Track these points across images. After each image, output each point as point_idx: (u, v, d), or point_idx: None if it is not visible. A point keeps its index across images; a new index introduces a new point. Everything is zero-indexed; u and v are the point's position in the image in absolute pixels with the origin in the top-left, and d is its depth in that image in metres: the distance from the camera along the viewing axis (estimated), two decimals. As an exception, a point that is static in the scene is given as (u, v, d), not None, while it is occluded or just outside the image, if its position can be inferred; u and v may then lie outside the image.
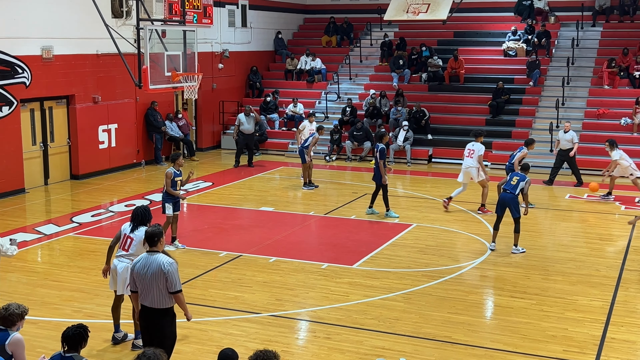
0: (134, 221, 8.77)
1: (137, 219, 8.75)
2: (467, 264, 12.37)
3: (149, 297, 7.41)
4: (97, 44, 19.26)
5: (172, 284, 7.36)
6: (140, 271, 7.42)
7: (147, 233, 7.59)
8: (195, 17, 22.15)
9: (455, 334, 9.41)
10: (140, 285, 7.45)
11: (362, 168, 21.96)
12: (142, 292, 7.46)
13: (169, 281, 7.34)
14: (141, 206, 8.93)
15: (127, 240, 8.76)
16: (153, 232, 7.54)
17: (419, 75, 25.76)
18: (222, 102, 25.22)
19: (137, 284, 7.48)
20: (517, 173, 13.24)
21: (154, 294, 7.38)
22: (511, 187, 13.02)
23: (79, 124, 19.29)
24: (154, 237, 7.52)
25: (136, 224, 8.74)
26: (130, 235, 8.73)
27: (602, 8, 26.45)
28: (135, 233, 8.69)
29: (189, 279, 11.50)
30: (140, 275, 7.41)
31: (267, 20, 28.01)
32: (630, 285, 11.33)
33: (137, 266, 7.48)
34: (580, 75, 24.54)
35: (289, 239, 14.20)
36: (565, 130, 19.16)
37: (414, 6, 21.28)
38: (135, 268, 7.50)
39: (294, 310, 10.30)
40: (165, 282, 7.33)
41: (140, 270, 7.43)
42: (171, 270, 7.35)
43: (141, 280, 7.42)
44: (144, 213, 8.78)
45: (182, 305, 7.58)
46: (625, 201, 17.19)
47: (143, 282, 7.41)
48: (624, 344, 9.16)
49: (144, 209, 8.85)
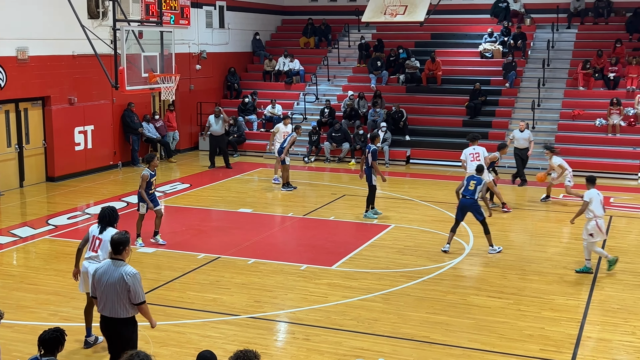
0: (102, 222, 8.73)
1: (105, 220, 8.71)
2: (445, 264, 12.43)
3: (108, 305, 7.18)
4: (73, 45, 19.11)
5: (136, 296, 7.15)
6: (102, 279, 7.20)
7: (113, 240, 7.31)
8: (173, 18, 22.08)
9: (433, 334, 9.46)
10: (100, 293, 7.21)
11: (340, 169, 22.01)
12: (102, 300, 7.22)
13: (132, 292, 7.11)
14: (108, 207, 8.89)
15: (95, 241, 8.70)
16: (119, 240, 7.27)
17: (397, 77, 25.86)
18: (200, 103, 25.13)
19: (97, 292, 7.25)
20: (473, 177, 13.32)
21: (114, 303, 7.15)
22: (470, 192, 13.13)
23: (55, 126, 19.12)
24: (119, 245, 7.25)
25: (104, 225, 8.70)
26: (99, 237, 8.68)
27: (577, 10, 26.73)
28: (103, 234, 8.63)
29: (167, 282, 11.45)
30: (102, 282, 7.18)
31: (244, 22, 27.97)
32: (605, 284, 11.46)
33: (99, 273, 7.25)
34: (555, 76, 24.77)
35: (267, 240, 14.18)
36: (520, 129, 19.32)
37: (391, 8, 21.34)
38: (97, 274, 7.27)
39: (273, 312, 10.30)
40: (127, 293, 7.11)
41: (102, 277, 7.20)
42: (134, 282, 7.11)
43: (101, 288, 7.19)
44: (111, 214, 8.75)
45: (147, 316, 7.36)
46: (600, 201, 17.34)
47: (103, 290, 7.17)
48: (599, 343, 9.26)
49: (110, 209, 8.81)
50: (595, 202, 11.81)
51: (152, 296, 10.81)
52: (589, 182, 12.21)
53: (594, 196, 11.86)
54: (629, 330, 9.63)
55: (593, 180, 12.25)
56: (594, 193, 11.91)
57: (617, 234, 14.53)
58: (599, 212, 11.85)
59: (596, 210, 11.81)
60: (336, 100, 25.34)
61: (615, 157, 21.02)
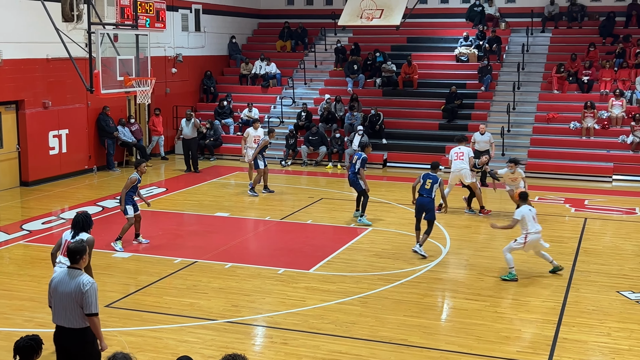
0: (75, 228, 8.70)
1: (78, 225, 8.70)
2: (422, 267, 12.47)
3: (62, 315, 6.93)
4: (47, 48, 18.93)
5: (89, 305, 6.85)
6: (57, 288, 6.98)
7: (70, 249, 7.09)
8: (148, 21, 21.89)
9: (411, 337, 9.48)
10: (56, 302, 6.98)
11: (317, 173, 22.01)
12: (57, 310, 6.98)
13: (85, 301, 6.83)
14: (82, 213, 8.86)
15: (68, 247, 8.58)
16: (75, 249, 7.06)
17: (373, 81, 25.93)
18: (176, 107, 24.99)
19: (53, 301, 7.03)
20: (429, 175, 13.36)
21: (69, 313, 6.90)
22: (426, 191, 13.20)
23: (29, 130, 18.91)
24: (75, 254, 7.04)
25: (77, 230, 8.68)
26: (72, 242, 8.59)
27: (551, 15, 27.01)
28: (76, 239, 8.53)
29: (143, 287, 11.36)
30: (57, 292, 6.96)
31: (220, 25, 27.89)
32: (580, 286, 11.56)
33: (55, 282, 7.03)
34: (530, 80, 25.00)
35: (244, 244, 14.14)
36: (481, 132, 19.46)
37: (367, 12, 21.40)
38: (53, 284, 7.05)
39: (251, 316, 10.26)
40: (81, 301, 6.86)
41: (57, 286, 6.98)
42: (90, 290, 6.86)
43: (57, 298, 6.96)
44: (85, 220, 8.74)
45: (97, 331, 6.99)
46: (575, 204, 17.54)
47: (59, 300, 6.94)
48: (575, 344, 9.33)
49: (84, 215, 8.80)
50: (527, 219, 11.64)
51: (128, 301, 10.73)
52: (522, 198, 12.05)
53: (525, 213, 11.69)
54: (604, 331, 9.73)
55: (525, 197, 12.11)
56: (526, 210, 11.75)
57: (592, 236, 14.67)
58: (532, 228, 11.68)
59: (529, 226, 11.65)
60: (313, 103, 25.35)
61: (589, 159, 21.25)
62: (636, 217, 16.39)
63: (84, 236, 8.55)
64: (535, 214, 11.89)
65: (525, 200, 12.05)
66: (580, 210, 16.96)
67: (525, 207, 11.86)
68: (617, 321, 10.04)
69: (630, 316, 10.23)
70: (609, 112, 22.26)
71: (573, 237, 14.47)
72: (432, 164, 13.89)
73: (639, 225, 15.70)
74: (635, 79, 23.25)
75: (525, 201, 12.04)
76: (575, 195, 18.55)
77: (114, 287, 11.29)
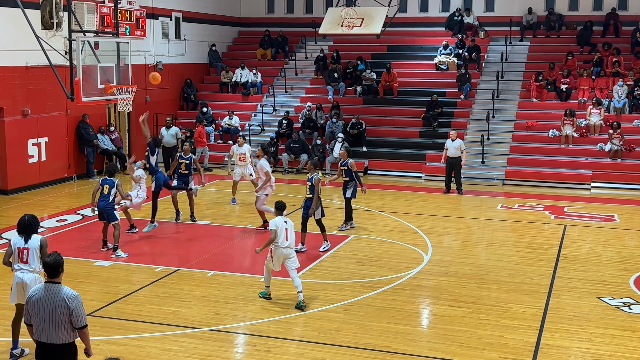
0: (24, 232, 8.64)
1: (28, 229, 8.63)
2: (405, 274, 12.50)
3: (46, 331, 6.79)
4: (27, 56, 18.80)
5: (78, 319, 6.81)
6: (38, 304, 6.81)
7: (50, 264, 6.86)
8: (128, 29, 21.88)
9: (394, 344, 9.49)
10: (37, 319, 6.82)
11: (298, 180, 21.99)
12: (39, 327, 6.82)
13: (74, 316, 6.77)
14: (27, 215, 8.75)
15: (23, 252, 8.61)
16: (57, 263, 6.89)
17: (354, 89, 26.01)
18: (156, 114, 24.89)
19: (33, 318, 6.86)
20: (106, 180, 13.24)
21: (54, 329, 6.78)
22: (103, 196, 13.22)
23: (8, 138, 18.73)
24: (58, 267, 6.88)
25: (27, 234, 8.62)
26: (26, 247, 8.61)
27: (530, 24, 27.29)
28: (29, 243, 8.60)
29: (125, 295, 11.28)
30: (39, 308, 6.80)
31: (201, 33, 27.86)
32: (561, 292, 11.65)
33: (34, 299, 6.85)
34: (509, 88, 25.22)
35: (226, 252, 14.10)
36: (452, 138, 19.60)
37: (348, 20, 21.51)
38: (33, 300, 6.87)
39: (234, 324, 10.22)
40: (69, 317, 6.77)
41: (38, 303, 6.82)
42: (77, 305, 6.80)
43: (39, 314, 6.80)
44: (32, 222, 8.68)
45: (86, 341, 7.00)
46: (554, 211, 17.68)
47: (41, 316, 6.79)
48: (557, 350, 9.40)
49: (30, 217, 8.71)
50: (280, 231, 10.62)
51: (110, 310, 10.65)
52: (277, 209, 11.02)
53: (279, 224, 10.67)
54: (585, 337, 9.80)
55: (281, 207, 11.00)
56: (280, 222, 10.73)
57: (572, 242, 14.80)
58: (282, 242, 10.63)
59: (279, 240, 10.64)
60: (294, 111, 25.37)
61: (568, 167, 21.45)
62: (615, 224, 16.56)
63: (37, 238, 8.60)
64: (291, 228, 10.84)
65: (281, 211, 10.96)
66: (560, 217, 17.10)
67: (280, 218, 10.81)
68: (598, 327, 10.13)
69: (611, 322, 10.32)
70: (587, 120, 22.50)
71: (553, 244, 14.58)
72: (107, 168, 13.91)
73: (618, 232, 15.87)
74: (613, 88, 23.53)
75: (281, 212, 10.96)
76: (554, 202, 18.71)
77: (95, 295, 11.20)
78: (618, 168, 21.14)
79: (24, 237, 8.62)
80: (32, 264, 8.57)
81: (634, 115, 22.77)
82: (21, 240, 8.63)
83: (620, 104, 23.02)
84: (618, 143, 21.35)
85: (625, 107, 23.06)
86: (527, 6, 27.42)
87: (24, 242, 8.61)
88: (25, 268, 8.60)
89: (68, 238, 14.82)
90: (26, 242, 8.59)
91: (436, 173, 21.48)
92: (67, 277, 11.49)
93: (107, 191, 13.29)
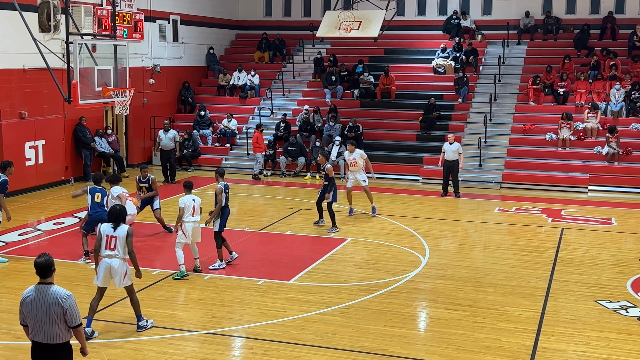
0: (115, 221, 9.46)
1: (119, 218, 9.48)
2: (402, 277, 12.50)
3: (41, 332, 6.84)
4: (24, 59, 18.79)
5: (72, 318, 6.84)
6: (32, 305, 6.85)
7: (42, 264, 6.91)
8: (126, 32, 21.84)
9: (392, 347, 9.49)
10: (32, 320, 6.86)
11: (296, 183, 22.01)
12: (34, 327, 6.86)
13: (68, 315, 6.81)
14: (118, 205, 9.77)
15: (111, 240, 9.45)
16: (48, 263, 6.93)
17: (351, 92, 26.03)
18: (154, 117, 24.90)
19: (28, 319, 6.90)
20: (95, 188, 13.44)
21: (49, 329, 6.82)
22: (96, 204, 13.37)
23: (5, 141, 18.72)
24: (50, 267, 6.92)
25: (116, 222, 9.46)
26: (114, 235, 9.45)
27: (527, 27, 27.33)
28: (118, 231, 9.46)
29: (122, 298, 11.26)
30: (35, 309, 6.83)
31: (198, 36, 27.86)
32: (559, 295, 11.65)
33: (28, 300, 6.88)
34: (506, 91, 25.25)
35: (224, 255, 14.05)
36: (449, 142, 19.59)
37: (346, 23, 21.52)
38: (27, 301, 6.87)
39: (231, 327, 10.21)
40: (63, 316, 6.81)
41: (32, 304, 6.85)
42: (71, 304, 6.84)
43: (34, 315, 6.84)
44: (122, 211, 9.58)
45: (82, 340, 7.05)
46: (552, 214, 17.69)
47: (36, 317, 6.83)
48: (554, 353, 9.40)
49: (120, 208, 9.62)
50: (188, 208, 12.27)
51: (107, 313, 10.63)
52: (186, 187, 12.65)
53: (187, 202, 12.32)
54: (583, 340, 9.81)
55: (189, 186, 12.71)
56: (189, 199, 12.39)
57: (569, 245, 14.81)
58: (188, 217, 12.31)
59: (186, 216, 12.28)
60: (291, 114, 25.38)
61: (565, 170, 21.47)
62: (612, 227, 16.58)
63: (125, 227, 9.52)
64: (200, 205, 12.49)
65: (189, 190, 12.59)
66: (557, 220, 17.12)
67: (189, 196, 12.43)
68: (595, 330, 10.14)
69: (608, 325, 10.33)
70: (585, 124, 22.53)
71: (550, 247, 14.59)
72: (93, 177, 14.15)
73: (615, 235, 15.89)
74: (610, 91, 23.57)
75: (189, 190, 12.59)
76: (551, 205, 18.72)
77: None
78: (615, 171, 21.17)
79: (113, 226, 9.45)
80: (119, 251, 9.44)
81: (631, 119, 22.81)
82: (110, 229, 9.47)
83: (617, 108, 23.06)
84: (615, 146, 21.38)
85: (623, 111, 23.09)
86: (524, 9, 27.47)
87: (112, 231, 9.45)
88: (112, 255, 9.47)
89: (65, 241, 14.80)
90: (115, 230, 9.44)
91: (434, 176, 21.49)
92: (64, 280, 11.57)
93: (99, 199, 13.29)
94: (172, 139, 21.75)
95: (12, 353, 9.19)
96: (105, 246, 9.49)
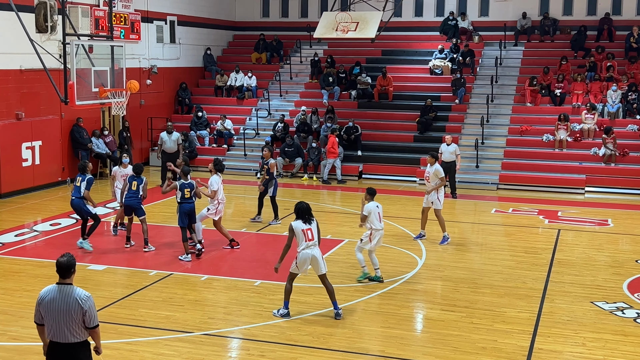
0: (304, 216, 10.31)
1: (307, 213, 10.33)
2: (398, 278, 12.50)
3: (60, 332, 6.85)
4: (21, 59, 18.77)
5: (91, 319, 6.90)
6: (51, 305, 6.85)
7: (63, 264, 6.90)
8: (123, 33, 21.85)
9: (388, 348, 9.49)
10: (50, 319, 6.86)
11: (293, 184, 22.00)
12: (52, 327, 6.87)
13: (87, 316, 6.86)
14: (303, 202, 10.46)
15: (307, 232, 10.33)
16: (70, 263, 6.91)
17: (349, 93, 26.04)
18: (151, 118, 24.89)
19: (46, 318, 6.89)
20: (134, 177, 14.01)
21: (67, 329, 6.84)
22: (132, 192, 14.02)
23: (1, 141, 18.69)
24: (70, 268, 6.90)
25: (308, 217, 10.33)
26: (309, 227, 10.34)
27: (524, 28, 27.36)
28: (312, 224, 10.36)
29: (118, 299, 11.26)
30: (52, 309, 6.83)
31: (196, 37, 27.86)
32: (555, 296, 11.66)
33: (47, 300, 6.87)
34: (503, 93, 25.27)
35: (220, 256, 14.07)
36: (447, 143, 19.56)
37: (343, 24, 21.54)
38: (45, 302, 6.91)
39: (227, 329, 10.20)
40: (82, 317, 6.84)
41: (51, 304, 6.85)
42: (90, 305, 6.88)
43: (53, 315, 6.84)
44: (309, 207, 10.41)
45: (97, 340, 7.10)
46: (548, 215, 17.71)
47: (55, 317, 6.83)
48: (550, 354, 9.41)
49: (306, 204, 10.40)
50: (373, 215, 12.08)
51: (103, 314, 10.60)
52: (369, 194, 12.37)
53: (372, 209, 12.12)
54: (579, 341, 9.82)
55: (373, 192, 12.42)
56: (373, 206, 12.16)
57: (565, 247, 14.82)
58: (376, 225, 12.11)
59: (373, 224, 12.10)
60: (288, 115, 25.38)
61: (562, 171, 21.50)
62: (609, 229, 16.60)
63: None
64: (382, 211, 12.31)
65: (372, 196, 12.34)
66: (554, 221, 17.13)
67: (373, 203, 12.22)
68: (591, 331, 10.15)
69: (605, 326, 10.34)
70: (582, 125, 22.55)
71: (547, 248, 14.60)
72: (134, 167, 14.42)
73: (611, 237, 15.90)
74: (607, 92, 23.60)
75: (372, 197, 12.33)
76: (548, 206, 18.74)
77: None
78: (612, 173, 21.20)
79: (306, 219, 10.35)
80: (316, 240, 10.42)
81: (628, 120, 22.85)
82: (304, 224, 10.33)
83: (614, 109, 23.09)
84: (612, 147, 21.41)
85: (619, 112, 23.13)
86: (521, 11, 27.49)
87: (307, 224, 10.34)
88: (312, 245, 10.37)
89: (62, 242, 14.78)
90: (310, 223, 10.37)
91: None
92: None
93: (135, 187, 13.91)
94: (176, 141, 21.31)
95: (9, 354, 9.17)
96: (305, 238, 10.30)
